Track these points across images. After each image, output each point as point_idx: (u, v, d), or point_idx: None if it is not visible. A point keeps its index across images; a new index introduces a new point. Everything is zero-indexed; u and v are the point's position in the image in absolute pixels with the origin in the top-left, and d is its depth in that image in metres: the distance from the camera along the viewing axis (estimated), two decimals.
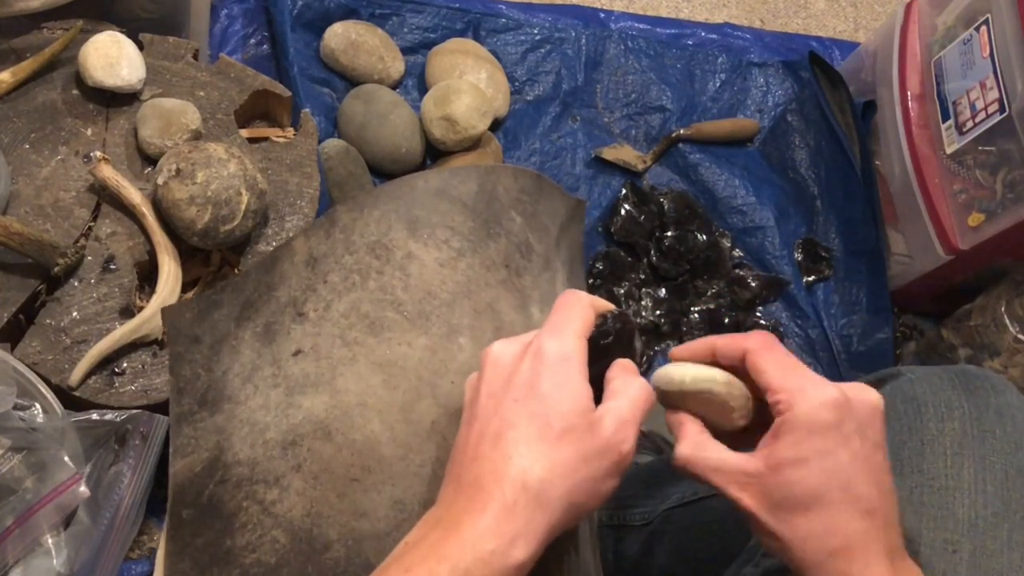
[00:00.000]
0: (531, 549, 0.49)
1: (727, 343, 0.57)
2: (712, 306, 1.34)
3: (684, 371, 0.57)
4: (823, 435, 0.52)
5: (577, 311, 0.56)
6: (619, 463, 0.52)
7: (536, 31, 1.45)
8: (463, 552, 0.48)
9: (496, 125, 1.37)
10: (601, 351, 0.56)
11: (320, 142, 1.19)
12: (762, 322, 1.35)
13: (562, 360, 0.53)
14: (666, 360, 0.62)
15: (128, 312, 0.93)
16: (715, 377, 0.57)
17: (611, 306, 0.59)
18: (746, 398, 0.58)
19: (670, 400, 0.59)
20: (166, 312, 0.67)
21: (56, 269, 0.91)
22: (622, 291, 1.32)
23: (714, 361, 0.58)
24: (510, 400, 0.52)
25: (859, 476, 0.52)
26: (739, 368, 0.57)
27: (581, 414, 0.52)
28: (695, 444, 0.57)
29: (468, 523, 0.49)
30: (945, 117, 1.26)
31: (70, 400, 0.88)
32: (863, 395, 0.54)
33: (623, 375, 0.55)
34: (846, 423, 0.52)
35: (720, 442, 0.57)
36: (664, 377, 0.58)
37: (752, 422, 0.59)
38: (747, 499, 0.54)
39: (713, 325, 1.32)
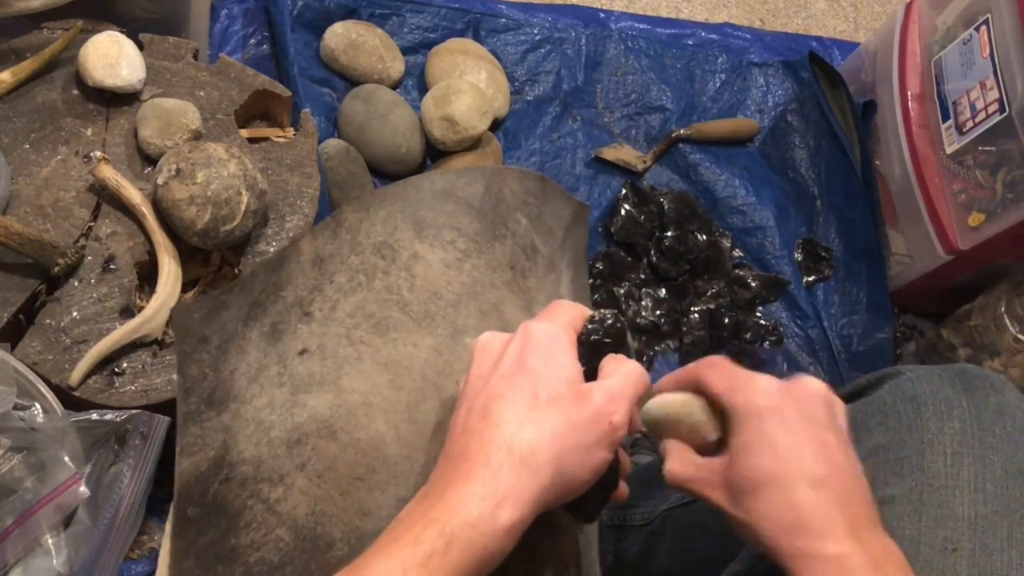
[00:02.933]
0: (519, 512, 0.49)
1: (682, 372, 0.60)
2: (712, 306, 1.34)
3: (649, 404, 0.61)
4: (762, 419, 0.54)
5: (566, 307, 0.58)
6: (609, 434, 0.53)
7: (536, 31, 1.45)
8: (449, 516, 0.48)
9: (496, 125, 1.37)
10: (594, 348, 0.57)
11: (320, 142, 1.19)
12: (762, 322, 1.35)
13: (550, 339, 0.54)
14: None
15: (128, 312, 0.93)
16: (671, 400, 0.60)
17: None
18: (707, 413, 0.60)
19: (655, 432, 0.62)
20: (175, 312, 0.68)
21: (56, 269, 0.91)
22: (622, 291, 1.32)
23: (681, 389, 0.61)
24: (498, 376, 0.53)
25: (803, 452, 0.54)
26: (703, 392, 0.59)
27: (568, 384, 0.53)
28: (678, 458, 0.59)
29: (454, 490, 0.49)
30: (945, 117, 1.26)
31: (70, 400, 0.88)
32: (801, 384, 0.57)
33: (615, 361, 0.57)
34: (785, 409, 0.55)
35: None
36: (642, 414, 0.61)
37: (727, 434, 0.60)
38: (715, 495, 0.56)
39: (713, 325, 1.32)
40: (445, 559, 0.47)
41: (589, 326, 0.57)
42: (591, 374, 0.55)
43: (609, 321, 0.58)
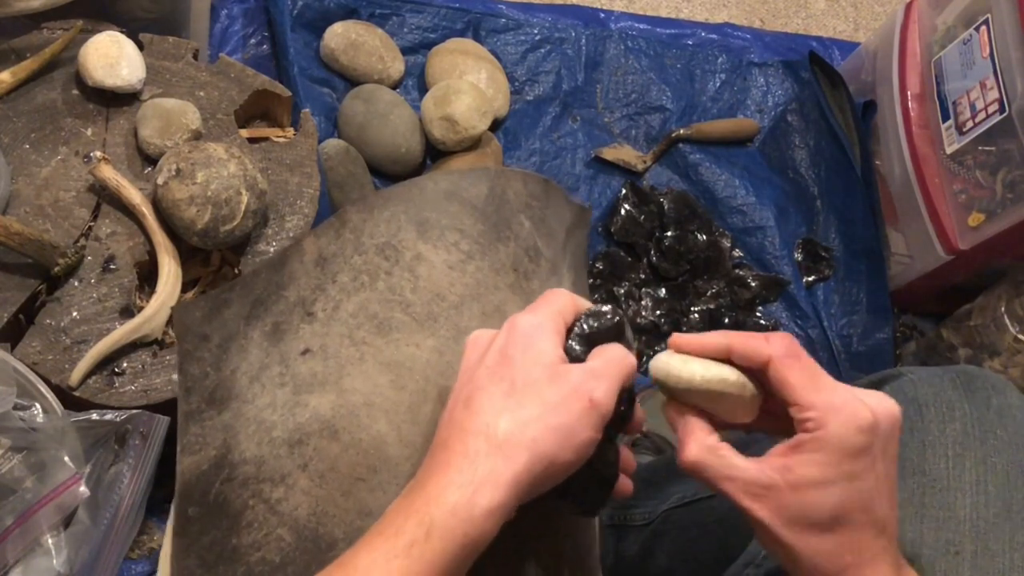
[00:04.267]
0: (498, 498, 0.49)
1: (746, 347, 0.54)
2: (712, 306, 1.34)
3: (693, 369, 0.55)
4: (853, 460, 0.51)
5: (557, 296, 0.57)
6: (590, 411, 0.51)
7: (536, 31, 1.45)
8: (428, 506, 0.48)
9: (496, 125, 1.37)
10: (590, 341, 0.56)
11: (320, 142, 1.19)
12: (762, 322, 1.35)
13: (533, 328, 0.54)
14: None
15: (128, 312, 0.92)
16: (727, 377, 0.55)
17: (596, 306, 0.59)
18: (757, 398, 0.56)
19: (670, 392, 0.57)
20: (176, 310, 0.67)
21: (56, 269, 0.91)
22: (622, 291, 1.32)
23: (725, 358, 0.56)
24: (482, 369, 0.53)
25: (879, 496, 0.52)
26: (754, 369, 0.55)
27: (545, 367, 0.52)
28: (705, 448, 0.55)
29: (434, 480, 0.50)
30: (945, 117, 1.26)
31: (70, 400, 0.88)
32: (888, 411, 0.53)
33: (602, 347, 0.55)
34: (875, 446, 0.52)
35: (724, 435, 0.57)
36: (665, 370, 0.56)
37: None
38: (760, 511, 0.53)
39: (713, 325, 1.32)
40: (426, 547, 0.47)
41: (584, 317, 0.56)
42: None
43: (606, 315, 0.56)
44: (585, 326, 0.56)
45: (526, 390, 0.51)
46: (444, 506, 0.48)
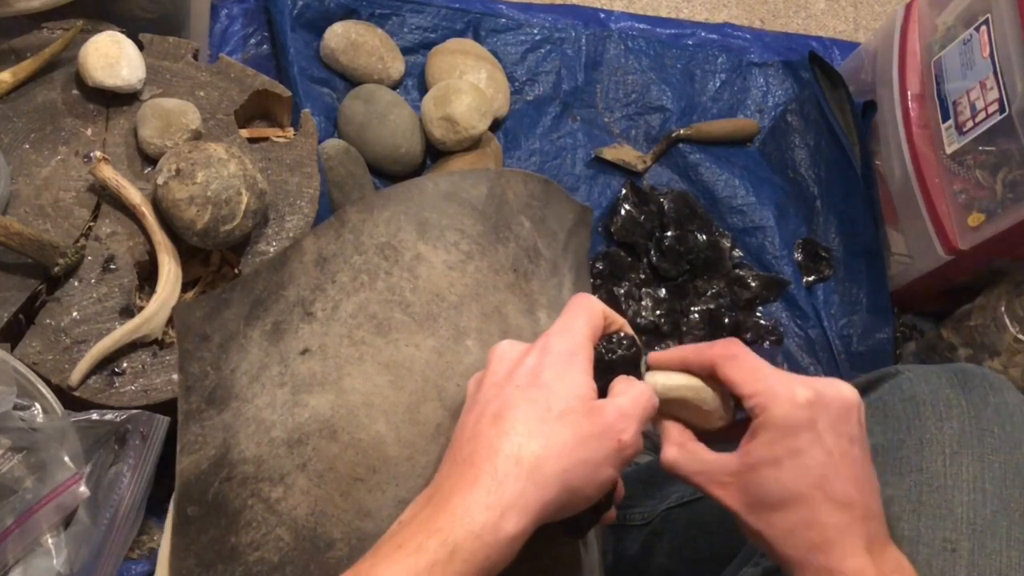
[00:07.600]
0: (523, 524, 0.49)
1: (695, 356, 0.59)
2: (712, 306, 1.34)
3: (655, 379, 0.60)
4: (796, 435, 0.54)
5: (587, 316, 0.57)
6: (618, 451, 0.53)
7: (536, 31, 1.45)
8: (453, 526, 0.48)
9: (496, 125, 1.37)
10: (606, 366, 0.57)
11: (320, 142, 1.19)
12: (762, 322, 1.35)
13: (568, 355, 0.54)
14: None
15: (128, 312, 0.93)
16: (684, 384, 0.59)
17: (622, 321, 0.60)
18: (719, 401, 0.60)
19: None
20: (176, 310, 0.68)
21: (56, 269, 0.91)
22: (622, 291, 1.32)
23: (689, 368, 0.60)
24: (512, 386, 0.53)
25: (834, 472, 0.54)
26: (717, 378, 0.59)
27: (581, 400, 0.53)
28: (678, 446, 0.59)
29: (459, 498, 0.49)
30: (945, 117, 1.26)
31: (70, 400, 0.88)
32: (835, 391, 0.55)
33: (626, 382, 0.57)
34: (819, 421, 0.54)
35: (705, 444, 0.59)
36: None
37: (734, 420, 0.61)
38: (727, 498, 0.56)
39: (713, 325, 1.32)
40: (448, 568, 0.47)
41: (605, 345, 0.58)
42: (601, 391, 0.56)
43: (625, 344, 0.58)
44: (610, 355, 0.58)
45: (561, 419, 0.52)
46: (469, 527, 0.48)
